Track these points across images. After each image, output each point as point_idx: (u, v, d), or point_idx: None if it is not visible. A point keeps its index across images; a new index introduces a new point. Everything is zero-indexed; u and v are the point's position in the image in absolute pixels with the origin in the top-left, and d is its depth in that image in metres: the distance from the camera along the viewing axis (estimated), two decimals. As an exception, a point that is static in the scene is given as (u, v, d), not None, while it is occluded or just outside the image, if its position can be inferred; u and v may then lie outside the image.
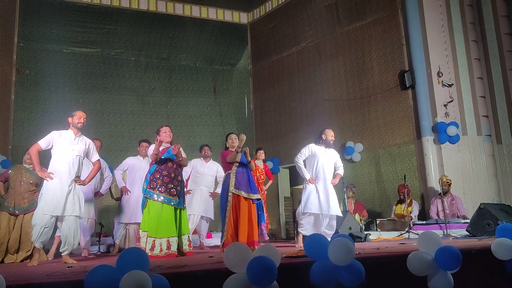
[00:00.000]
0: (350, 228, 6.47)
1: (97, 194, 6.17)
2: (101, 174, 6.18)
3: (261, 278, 2.48)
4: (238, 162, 5.32)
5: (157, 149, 4.96)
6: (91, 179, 5.04)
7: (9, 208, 5.45)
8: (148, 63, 10.97)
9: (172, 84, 11.12)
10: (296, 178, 9.91)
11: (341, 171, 6.20)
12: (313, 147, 6.08)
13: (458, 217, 7.03)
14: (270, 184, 7.90)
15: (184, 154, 5.30)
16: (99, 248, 7.12)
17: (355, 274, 2.80)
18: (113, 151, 9.43)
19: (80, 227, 5.02)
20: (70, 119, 4.76)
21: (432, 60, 8.10)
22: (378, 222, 7.39)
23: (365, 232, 6.67)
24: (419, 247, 3.20)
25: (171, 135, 5.21)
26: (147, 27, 10.77)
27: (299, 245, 5.83)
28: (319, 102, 9.88)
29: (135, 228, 6.29)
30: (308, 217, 5.95)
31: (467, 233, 6.18)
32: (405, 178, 7.28)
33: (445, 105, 8.02)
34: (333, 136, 6.11)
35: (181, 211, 5.12)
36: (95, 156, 4.95)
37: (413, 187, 8.05)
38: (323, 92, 9.82)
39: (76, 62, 10.15)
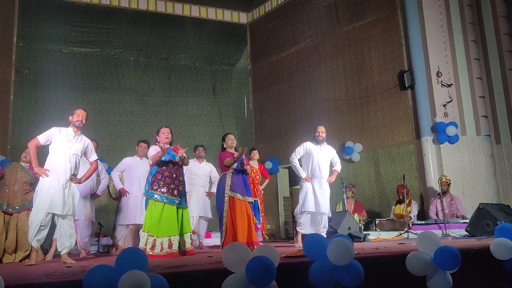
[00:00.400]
0: (349, 228, 6.47)
1: (93, 196, 6.14)
2: (98, 176, 6.15)
3: (260, 278, 2.48)
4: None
5: (159, 157, 4.93)
6: (87, 178, 5.01)
7: (3, 206, 5.40)
8: (148, 63, 10.97)
9: (172, 84, 11.12)
10: (295, 178, 9.90)
11: (338, 167, 6.19)
12: (308, 145, 6.09)
13: (457, 217, 7.04)
14: (267, 183, 7.88)
15: (184, 154, 5.31)
16: (98, 248, 7.12)
17: (354, 274, 2.80)
18: (112, 151, 9.43)
19: (77, 228, 5.00)
20: (70, 117, 4.75)
21: (432, 60, 8.10)
22: (377, 222, 7.39)
23: (364, 232, 6.67)
24: (418, 247, 3.20)
25: (170, 137, 5.21)
26: (147, 27, 10.77)
27: (298, 245, 5.84)
28: (319, 102, 9.88)
29: (133, 229, 6.30)
30: (306, 216, 5.97)
31: (466, 233, 6.18)
32: (404, 178, 7.28)
33: (444, 105, 8.02)
34: (323, 132, 6.09)
35: (183, 211, 5.14)
36: (93, 156, 4.94)
37: (412, 187, 8.05)
38: (323, 92, 9.82)
39: (75, 62, 10.14)
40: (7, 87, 8.96)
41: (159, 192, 4.93)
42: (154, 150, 5.07)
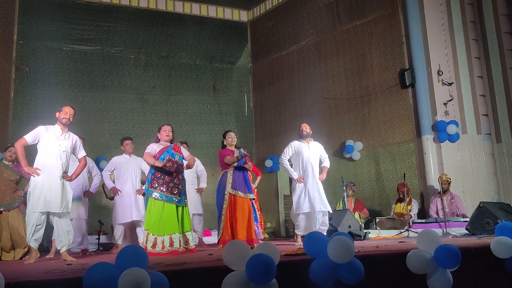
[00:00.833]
0: (350, 226, 6.47)
1: (87, 193, 6.11)
2: (89, 173, 6.13)
3: (260, 276, 2.48)
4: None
5: (152, 163, 4.95)
6: (78, 175, 4.93)
7: None
8: (148, 61, 10.95)
9: (172, 82, 11.10)
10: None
11: (327, 163, 6.10)
12: (296, 144, 6.03)
13: (458, 216, 7.04)
14: (264, 181, 7.83)
15: (186, 152, 5.30)
16: (98, 246, 7.12)
17: (355, 272, 2.80)
18: (112, 149, 9.40)
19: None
20: (57, 114, 4.69)
21: (432, 59, 8.09)
22: (378, 221, 7.40)
23: (365, 231, 6.67)
24: (419, 246, 3.20)
25: (171, 135, 5.21)
26: (147, 25, 10.75)
27: (299, 243, 5.83)
28: (319, 101, 9.87)
29: (130, 226, 6.30)
30: (301, 217, 5.90)
31: (467, 232, 6.18)
32: (405, 177, 7.27)
33: (445, 104, 8.01)
34: (307, 127, 6.04)
35: (183, 209, 5.12)
36: (81, 153, 4.88)
37: (413, 186, 8.04)
38: (323, 91, 9.80)
39: (76, 60, 10.12)
40: (8, 85, 8.96)
41: (158, 191, 4.92)
42: (151, 150, 5.09)
